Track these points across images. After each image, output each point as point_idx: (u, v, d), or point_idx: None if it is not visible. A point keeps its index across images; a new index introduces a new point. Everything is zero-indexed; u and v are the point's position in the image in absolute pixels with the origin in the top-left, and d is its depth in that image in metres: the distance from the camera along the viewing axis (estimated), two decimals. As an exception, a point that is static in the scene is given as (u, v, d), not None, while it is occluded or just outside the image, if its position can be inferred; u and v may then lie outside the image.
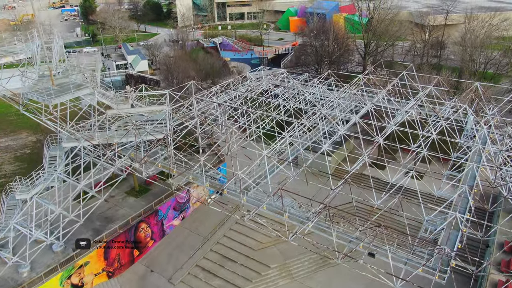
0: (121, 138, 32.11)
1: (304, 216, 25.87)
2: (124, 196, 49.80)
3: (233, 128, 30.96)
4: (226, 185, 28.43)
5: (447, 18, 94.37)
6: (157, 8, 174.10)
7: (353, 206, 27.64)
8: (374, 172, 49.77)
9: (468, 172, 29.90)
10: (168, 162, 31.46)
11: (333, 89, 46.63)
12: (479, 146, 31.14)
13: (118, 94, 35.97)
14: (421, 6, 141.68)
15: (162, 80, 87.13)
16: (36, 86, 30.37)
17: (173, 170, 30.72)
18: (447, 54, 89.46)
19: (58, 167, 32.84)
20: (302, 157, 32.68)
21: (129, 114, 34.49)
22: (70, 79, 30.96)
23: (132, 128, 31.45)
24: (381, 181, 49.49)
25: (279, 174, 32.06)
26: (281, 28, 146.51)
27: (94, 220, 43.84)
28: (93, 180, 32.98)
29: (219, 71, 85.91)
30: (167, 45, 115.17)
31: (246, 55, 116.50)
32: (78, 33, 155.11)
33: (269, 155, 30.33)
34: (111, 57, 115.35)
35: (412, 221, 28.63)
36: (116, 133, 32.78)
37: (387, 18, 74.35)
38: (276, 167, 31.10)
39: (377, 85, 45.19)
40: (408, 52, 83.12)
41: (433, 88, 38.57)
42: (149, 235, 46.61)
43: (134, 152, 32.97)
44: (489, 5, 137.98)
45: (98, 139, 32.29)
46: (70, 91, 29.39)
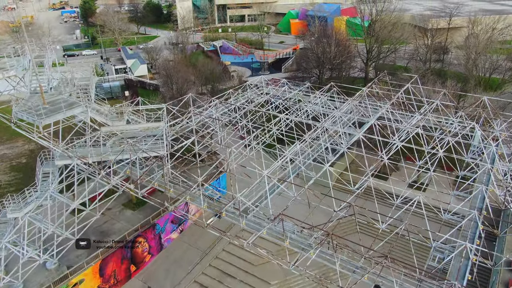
0: (116, 156, 30.98)
1: (306, 242, 24.75)
2: (121, 209, 48.62)
3: (232, 148, 29.79)
4: (225, 208, 27.27)
5: (450, 22, 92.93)
6: (157, 10, 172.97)
7: (357, 230, 26.47)
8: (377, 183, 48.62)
9: (477, 194, 28.72)
10: (165, 180, 30.30)
11: (335, 99, 45.39)
12: (487, 166, 29.97)
13: (114, 108, 34.76)
14: (423, 8, 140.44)
15: (161, 85, 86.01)
16: (28, 103, 29.19)
17: (170, 190, 29.61)
18: (450, 58, 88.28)
19: (51, 184, 31.69)
20: (304, 174, 31.49)
21: (125, 131, 33.36)
22: (62, 97, 29.74)
23: (127, 146, 30.26)
24: (385, 194, 48.35)
25: (280, 193, 30.88)
26: (282, 31, 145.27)
27: (89, 235, 42.55)
28: (87, 196, 31.70)
29: (219, 77, 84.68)
30: (166, 48, 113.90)
31: (246, 58, 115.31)
32: (78, 35, 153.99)
33: (270, 175, 29.16)
34: (110, 61, 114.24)
35: (421, 244, 27.40)
36: (111, 150, 31.61)
37: (390, 24, 73.00)
38: (276, 186, 29.97)
39: (380, 96, 44.00)
40: (411, 58, 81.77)
41: (439, 102, 37.43)
42: (146, 250, 45.46)
43: (130, 169, 31.81)
44: (492, 8, 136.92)
45: (92, 157, 31.14)
46: (61, 110, 28.24)
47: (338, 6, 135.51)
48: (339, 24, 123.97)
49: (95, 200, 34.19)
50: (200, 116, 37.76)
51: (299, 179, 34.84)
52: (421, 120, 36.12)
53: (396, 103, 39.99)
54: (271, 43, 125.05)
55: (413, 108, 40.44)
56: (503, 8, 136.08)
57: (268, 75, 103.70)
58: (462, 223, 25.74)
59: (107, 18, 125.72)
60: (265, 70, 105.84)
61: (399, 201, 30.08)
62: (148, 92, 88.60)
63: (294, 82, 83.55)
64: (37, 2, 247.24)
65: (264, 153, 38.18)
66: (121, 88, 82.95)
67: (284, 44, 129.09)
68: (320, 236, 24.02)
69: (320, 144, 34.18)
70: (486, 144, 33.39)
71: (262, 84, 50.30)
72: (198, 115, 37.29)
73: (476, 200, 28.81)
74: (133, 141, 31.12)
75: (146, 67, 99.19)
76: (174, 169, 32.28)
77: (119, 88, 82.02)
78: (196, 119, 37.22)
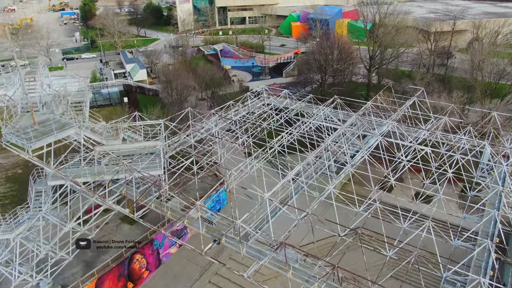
0: (111, 176, 29.73)
1: (310, 274, 23.49)
2: (118, 223, 47.40)
3: (232, 171, 28.57)
4: (225, 234, 25.98)
5: (454, 25, 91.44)
6: (158, 12, 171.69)
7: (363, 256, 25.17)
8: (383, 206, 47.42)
9: (489, 219, 27.38)
10: (162, 202, 29.06)
11: (339, 111, 44.05)
12: (499, 188, 28.69)
13: (109, 124, 33.43)
14: (425, 11, 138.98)
15: (161, 91, 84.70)
16: (18, 123, 27.94)
17: (167, 213, 28.38)
18: (454, 63, 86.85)
19: (44, 205, 30.45)
20: (306, 195, 30.25)
21: (120, 150, 32.10)
22: (54, 116, 28.44)
23: (123, 167, 28.98)
24: (388, 208, 47.04)
25: (282, 215, 29.60)
26: (283, 34, 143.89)
27: (85, 251, 41.39)
28: (82, 217, 30.44)
29: (220, 82, 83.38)
30: (166, 52, 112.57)
31: (247, 62, 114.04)
32: (77, 38, 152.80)
33: (272, 196, 27.90)
34: (109, 65, 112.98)
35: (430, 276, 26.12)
36: (106, 170, 30.36)
37: (393, 30, 71.59)
38: (278, 209, 28.71)
39: (385, 108, 42.72)
40: (415, 64, 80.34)
41: (447, 119, 36.09)
42: (144, 266, 44.18)
43: (126, 189, 30.56)
44: (495, 10, 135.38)
45: (86, 177, 29.90)
46: (52, 133, 26.95)
47: (340, 8, 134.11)
48: (341, 29, 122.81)
49: (90, 219, 32.89)
50: (199, 132, 36.48)
51: (302, 197, 33.46)
52: (429, 136, 34.79)
53: (401, 116, 38.63)
54: (272, 46, 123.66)
55: (419, 122, 39.13)
56: (506, 11, 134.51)
57: (269, 79, 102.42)
58: (474, 253, 24.47)
59: (106, 22, 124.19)
60: (266, 75, 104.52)
61: (407, 225, 28.81)
62: (147, 98, 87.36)
63: (296, 88, 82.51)
64: (37, 4, 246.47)
65: (267, 166, 36.65)
66: (120, 94, 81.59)
67: (285, 47, 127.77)
68: (324, 267, 22.77)
69: (323, 162, 32.91)
70: (496, 163, 32.11)
71: (263, 93, 48.93)
72: (197, 132, 36.02)
73: (488, 225, 27.53)
74: (128, 161, 29.86)
75: (146, 71, 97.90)
76: (173, 188, 31.07)
77: (118, 94, 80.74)
78: (195, 135, 35.95)
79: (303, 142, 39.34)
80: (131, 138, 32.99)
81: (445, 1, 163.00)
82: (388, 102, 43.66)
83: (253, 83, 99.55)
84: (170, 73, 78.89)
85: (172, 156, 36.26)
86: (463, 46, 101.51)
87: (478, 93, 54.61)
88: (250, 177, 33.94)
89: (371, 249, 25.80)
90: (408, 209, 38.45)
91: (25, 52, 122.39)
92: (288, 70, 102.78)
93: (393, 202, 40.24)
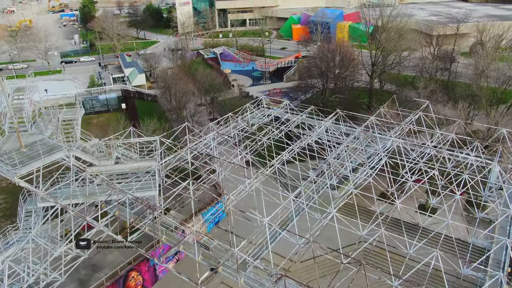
0: (104, 198, 28.46)
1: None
2: (113, 238, 46.11)
3: (229, 195, 27.31)
4: (222, 262, 24.72)
5: (458, 29, 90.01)
6: (157, 14, 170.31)
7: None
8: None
9: (500, 246, 26.12)
10: (156, 225, 27.79)
11: (341, 124, 42.70)
12: (510, 212, 27.39)
13: (102, 142, 32.07)
14: (427, 13, 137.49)
15: (160, 96, 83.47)
16: (4, 145, 26.64)
17: (162, 238, 27.12)
18: (457, 67, 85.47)
19: (34, 227, 29.16)
20: (307, 216, 28.95)
21: (112, 171, 30.78)
22: (43, 138, 27.14)
23: (115, 189, 27.71)
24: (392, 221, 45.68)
25: (283, 238, 28.30)
26: (284, 36, 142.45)
27: (79, 269, 39.89)
28: (73, 240, 29.13)
29: (219, 88, 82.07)
30: (165, 56, 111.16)
31: (247, 66, 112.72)
32: (76, 40, 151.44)
33: (272, 218, 26.61)
34: (107, 69, 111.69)
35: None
36: (98, 190, 29.07)
37: (396, 35, 70.21)
38: (278, 233, 27.43)
39: (389, 121, 41.40)
40: (418, 70, 78.99)
41: (455, 136, 34.77)
42: (140, 283, 42.86)
43: (118, 210, 29.32)
44: (498, 13, 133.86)
45: (78, 198, 28.61)
46: (39, 157, 25.65)
47: (341, 11, 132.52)
48: (342, 33, 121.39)
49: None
50: (196, 150, 35.16)
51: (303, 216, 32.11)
52: (437, 154, 33.43)
53: (405, 128, 37.31)
54: (272, 49, 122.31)
55: (423, 136, 37.80)
56: (509, 14, 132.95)
57: (269, 84, 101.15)
58: (485, 286, 23.19)
59: (105, 25, 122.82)
60: (266, 79, 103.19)
61: (413, 251, 27.50)
62: (146, 104, 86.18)
63: (297, 94, 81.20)
64: (37, 5, 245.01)
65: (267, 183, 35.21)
66: (118, 100, 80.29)
67: (286, 50, 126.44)
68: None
69: (325, 181, 31.62)
70: (505, 183, 30.79)
71: (262, 104, 47.62)
72: (194, 150, 34.71)
73: (500, 252, 26.22)
74: (122, 183, 28.57)
75: (145, 76, 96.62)
76: (169, 204, 29.72)
77: (115, 100, 79.46)
78: (192, 151, 34.63)
79: (305, 153, 38.14)
80: (125, 156, 31.71)
81: (447, 3, 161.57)
82: (391, 114, 42.33)
83: (253, 88, 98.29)
84: (169, 78, 77.60)
85: (170, 173, 34.97)
86: (465, 49, 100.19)
87: (484, 103, 53.20)
88: (249, 195, 32.64)
89: (375, 278, 24.50)
90: (414, 224, 37.20)
91: (24, 55, 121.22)
92: (289, 75, 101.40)
93: (398, 216, 38.96)
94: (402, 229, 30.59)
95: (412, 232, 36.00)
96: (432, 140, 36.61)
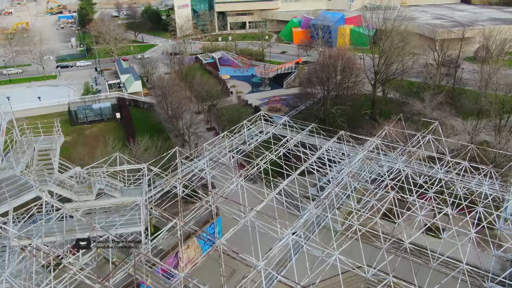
0: (83, 235, 25.96)
1: None
2: (99, 267, 43.56)
3: (220, 240, 24.76)
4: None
5: (464, 35, 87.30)
6: (156, 16, 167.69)
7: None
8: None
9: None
10: (142, 265, 25.31)
11: (343, 144, 40.15)
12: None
13: (84, 171, 29.49)
14: (430, 16, 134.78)
15: (156, 104, 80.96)
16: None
17: (147, 282, 24.65)
18: (462, 72, 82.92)
19: (8, 265, 26.62)
20: (305, 254, 26.43)
21: (93, 207, 28.24)
22: (13, 174, 24.52)
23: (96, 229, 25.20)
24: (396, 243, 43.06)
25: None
26: (284, 40, 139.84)
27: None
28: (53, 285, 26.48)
29: (217, 96, 79.47)
30: (163, 61, 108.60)
31: (246, 72, 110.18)
32: (73, 43, 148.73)
33: (266, 262, 24.10)
34: (103, 74, 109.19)
35: None
36: (77, 225, 26.54)
37: (400, 44, 67.62)
38: (275, 277, 24.92)
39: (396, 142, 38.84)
40: (422, 77, 76.45)
41: (467, 164, 32.21)
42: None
43: (101, 248, 26.85)
44: (502, 16, 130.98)
45: (55, 236, 26.09)
46: (5, 201, 22.97)
47: (342, 15, 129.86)
48: (343, 39, 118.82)
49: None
50: (187, 178, 32.69)
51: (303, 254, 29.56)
52: (448, 183, 30.88)
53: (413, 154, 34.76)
54: (272, 53, 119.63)
55: (431, 160, 35.24)
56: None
57: (269, 90, 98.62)
58: None
59: (102, 29, 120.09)
60: (266, 86, 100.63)
61: None
62: (141, 113, 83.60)
63: (297, 105, 78.73)
64: (35, 6, 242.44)
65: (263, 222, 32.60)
66: (112, 109, 77.72)
67: (286, 54, 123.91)
68: None
69: (326, 214, 29.11)
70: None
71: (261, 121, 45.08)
72: (184, 181, 32.14)
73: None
74: (105, 218, 26.09)
75: (141, 83, 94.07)
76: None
77: (110, 109, 76.84)
78: (183, 180, 32.08)
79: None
80: (110, 186, 29.15)
81: (450, 6, 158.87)
82: (397, 133, 39.78)
83: (252, 95, 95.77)
84: (165, 88, 74.98)
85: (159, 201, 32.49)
86: (469, 54, 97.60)
87: (493, 116, 50.64)
88: (244, 227, 30.12)
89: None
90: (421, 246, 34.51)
91: (19, 59, 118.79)
92: (289, 81, 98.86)
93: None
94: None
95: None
96: (442, 163, 34.06)
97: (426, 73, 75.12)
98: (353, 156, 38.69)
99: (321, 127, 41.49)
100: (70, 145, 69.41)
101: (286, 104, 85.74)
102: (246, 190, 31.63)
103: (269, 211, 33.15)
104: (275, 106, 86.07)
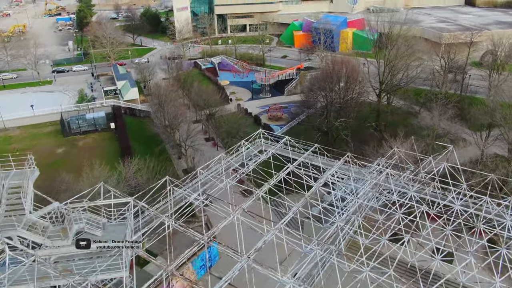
0: (60, 282, 23.12)
1: None
2: None
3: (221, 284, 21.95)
4: None
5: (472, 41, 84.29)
6: (155, 19, 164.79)
7: None
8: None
9: None
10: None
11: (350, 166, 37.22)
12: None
13: (63, 206, 26.49)
14: (434, 19, 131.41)
15: (152, 112, 77.94)
16: None
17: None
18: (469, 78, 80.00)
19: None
20: None
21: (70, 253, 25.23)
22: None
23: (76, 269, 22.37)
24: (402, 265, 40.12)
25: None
26: (285, 43, 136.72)
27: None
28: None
29: (215, 105, 76.62)
30: (160, 67, 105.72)
31: (246, 77, 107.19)
32: (71, 46, 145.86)
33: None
34: (99, 80, 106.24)
35: None
36: (53, 271, 23.61)
37: (406, 53, 64.65)
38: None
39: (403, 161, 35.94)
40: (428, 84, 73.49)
41: (489, 200, 29.25)
42: None
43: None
44: (507, 19, 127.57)
45: (28, 284, 23.19)
46: None
47: (345, 18, 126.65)
48: (346, 43, 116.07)
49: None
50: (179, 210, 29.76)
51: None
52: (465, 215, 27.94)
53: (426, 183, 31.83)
54: (273, 57, 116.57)
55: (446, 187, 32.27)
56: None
57: (269, 97, 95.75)
58: None
59: (99, 32, 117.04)
60: (266, 92, 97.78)
61: None
62: (137, 122, 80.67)
63: (299, 108, 75.76)
64: (33, 8, 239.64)
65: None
66: (106, 118, 74.76)
67: (287, 58, 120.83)
68: None
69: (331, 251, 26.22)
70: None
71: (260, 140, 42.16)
72: (174, 221, 29.20)
73: None
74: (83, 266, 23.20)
75: (137, 90, 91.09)
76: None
77: (104, 119, 73.88)
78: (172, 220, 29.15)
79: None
80: (90, 224, 26.15)
81: (454, 8, 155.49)
82: (406, 155, 36.85)
83: (252, 102, 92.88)
84: (162, 96, 72.05)
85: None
86: (475, 59, 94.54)
87: (506, 131, 47.66)
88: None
89: None
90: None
91: (14, 64, 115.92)
92: (290, 88, 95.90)
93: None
94: None
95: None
96: (459, 196, 31.06)
97: (433, 80, 72.10)
98: (358, 180, 35.84)
99: (324, 148, 38.56)
100: (62, 157, 66.54)
101: (287, 113, 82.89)
102: (244, 223, 28.76)
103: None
104: (276, 114, 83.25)
